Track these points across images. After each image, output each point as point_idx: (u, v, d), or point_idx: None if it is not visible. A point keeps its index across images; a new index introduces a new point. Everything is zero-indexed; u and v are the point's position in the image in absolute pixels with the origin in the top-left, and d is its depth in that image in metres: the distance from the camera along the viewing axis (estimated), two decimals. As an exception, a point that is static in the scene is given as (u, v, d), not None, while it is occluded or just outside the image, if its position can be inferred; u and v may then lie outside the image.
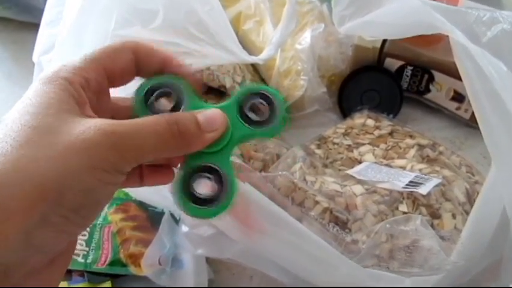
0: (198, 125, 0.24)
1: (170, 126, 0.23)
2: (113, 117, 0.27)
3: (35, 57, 0.44)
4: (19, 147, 0.20)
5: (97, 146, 0.21)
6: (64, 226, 0.21)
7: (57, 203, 0.20)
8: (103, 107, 0.26)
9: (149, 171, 0.28)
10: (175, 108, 0.26)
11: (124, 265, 0.47)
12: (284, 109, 0.27)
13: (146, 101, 0.26)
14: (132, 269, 0.47)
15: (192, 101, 0.26)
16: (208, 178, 0.26)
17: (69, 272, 0.46)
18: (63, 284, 0.44)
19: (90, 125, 0.21)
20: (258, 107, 0.27)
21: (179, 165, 0.27)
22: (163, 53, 0.27)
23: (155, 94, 0.26)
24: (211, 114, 0.25)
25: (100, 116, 0.25)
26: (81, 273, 0.46)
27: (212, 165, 0.26)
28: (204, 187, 0.26)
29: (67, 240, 0.22)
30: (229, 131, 0.26)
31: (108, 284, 0.46)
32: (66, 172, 0.20)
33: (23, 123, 0.21)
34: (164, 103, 0.26)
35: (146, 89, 0.26)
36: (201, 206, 0.25)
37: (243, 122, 0.27)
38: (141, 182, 0.28)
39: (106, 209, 0.51)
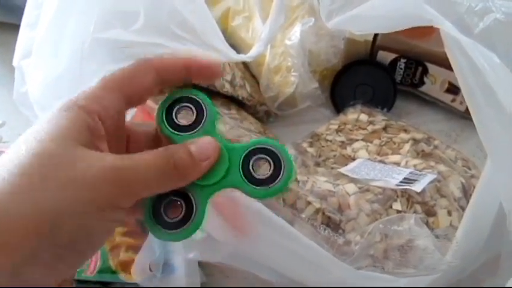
0: (191, 155, 0.24)
1: (168, 160, 0.23)
2: (127, 141, 0.27)
3: (15, 62, 0.43)
4: (18, 176, 0.19)
5: (97, 183, 0.20)
6: (55, 264, 0.20)
7: (50, 238, 0.19)
8: (118, 132, 0.26)
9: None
10: (196, 122, 0.26)
11: (114, 272, 0.46)
12: (291, 165, 0.26)
13: (168, 117, 0.26)
14: (122, 276, 0.46)
15: (211, 113, 0.27)
16: (177, 201, 0.26)
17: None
18: (51, 294, 0.43)
19: (94, 161, 0.21)
20: (261, 163, 0.27)
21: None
22: (183, 59, 0.27)
23: (174, 110, 0.26)
24: (202, 143, 0.25)
25: (114, 142, 0.25)
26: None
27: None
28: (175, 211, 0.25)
29: (57, 279, 0.21)
30: (224, 156, 0.26)
31: (97, 292, 0.45)
32: (62, 206, 0.19)
33: (28, 149, 0.20)
34: (186, 117, 0.27)
35: (166, 106, 0.26)
36: (171, 230, 0.25)
37: (247, 183, 0.26)
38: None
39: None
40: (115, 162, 0.21)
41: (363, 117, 0.58)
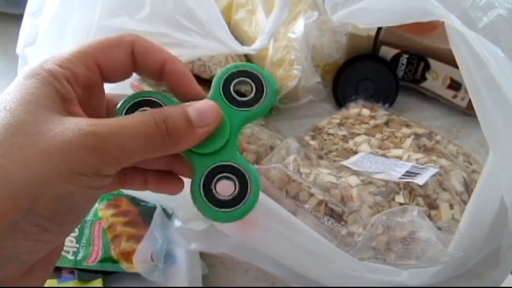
0: (189, 121, 0.22)
1: (158, 125, 0.22)
2: (107, 115, 0.26)
3: (18, 49, 0.43)
4: None
5: (75, 149, 0.19)
6: (38, 235, 0.19)
7: (30, 210, 0.18)
8: (95, 104, 0.25)
9: (153, 177, 0.27)
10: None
11: (116, 262, 0.46)
12: (271, 79, 0.25)
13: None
14: (124, 266, 0.46)
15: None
16: (228, 178, 0.24)
17: (59, 270, 0.45)
18: (52, 282, 0.43)
19: (69, 126, 0.20)
20: (243, 86, 0.26)
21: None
22: (164, 52, 0.25)
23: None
24: (202, 107, 0.23)
25: (92, 113, 0.23)
26: (71, 271, 0.45)
27: (230, 163, 0.24)
28: (225, 188, 0.24)
29: (44, 250, 0.21)
30: (226, 123, 0.24)
31: (99, 281, 0.45)
32: (39, 177, 0.18)
33: None
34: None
35: (127, 106, 0.25)
36: (224, 208, 0.23)
37: (234, 107, 0.25)
38: (145, 186, 0.27)
39: (96, 204, 0.50)
40: (92, 127, 0.20)
41: (365, 111, 0.58)
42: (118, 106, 0.25)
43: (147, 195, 0.50)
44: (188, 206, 0.45)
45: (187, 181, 0.27)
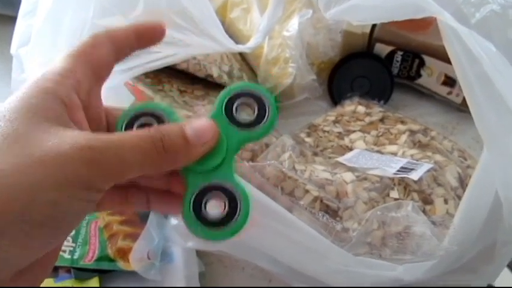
0: (186, 139, 0.23)
1: (155, 141, 0.22)
2: (107, 126, 0.26)
3: (13, 50, 0.43)
4: None
5: (70, 160, 0.19)
6: (26, 242, 0.19)
7: (20, 217, 0.19)
8: (96, 109, 0.25)
9: (156, 197, 0.27)
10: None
11: (112, 260, 0.46)
12: (274, 102, 0.25)
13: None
14: (120, 264, 0.46)
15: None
16: (219, 198, 0.24)
17: (55, 269, 0.45)
18: (49, 281, 0.43)
19: (67, 138, 0.20)
20: (246, 106, 0.26)
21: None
22: (131, 26, 0.26)
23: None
24: (200, 126, 0.23)
25: (92, 119, 0.24)
26: (68, 270, 0.45)
27: (221, 183, 0.24)
28: (214, 207, 0.24)
29: (32, 257, 0.21)
30: (223, 142, 0.25)
31: (96, 280, 0.45)
32: (34, 183, 0.19)
33: None
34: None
35: (127, 120, 0.25)
36: (214, 227, 0.24)
37: (234, 127, 0.25)
38: (147, 206, 0.27)
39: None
40: (90, 141, 0.20)
41: (361, 109, 0.58)
42: (118, 121, 0.25)
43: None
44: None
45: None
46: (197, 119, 0.24)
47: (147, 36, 0.26)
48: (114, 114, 0.26)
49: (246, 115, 0.26)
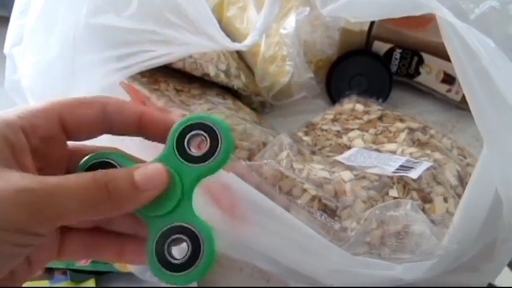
0: (134, 184, 0.22)
1: (99, 186, 0.21)
2: (68, 168, 0.26)
3: (6, 49, 0.42)
4: None
5: (5, 203, 0.19)
6: None
7: None
8: (55, 156, 0.25)
9: (127, 244, 0.27)
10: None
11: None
12: (227, 130, 0.24)
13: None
14: (116, 266, 0.45)
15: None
16: (181, 240, 0.24)
17: (51, 270, 0.44)
18: (44, 283, 0.43)
19: (7, 181, 0.19)
20: (198, 140, 0.25)
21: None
22: (138, 107, 0.26)
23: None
24: (149, 170, 0.23)
25: (50, 165, 0.24)
26: (63, 271, 0.44)
27: (182, 225, 0.24)
28: (179, 250, 0.24)
29: None
30: (176, 183, 0.24)
31: (92, 281, 0.44)
32: None
33: None
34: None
35: (86, 167, 0.25)
36: (179, 271, 0.23)
37: (188, 164, 0.24)
38: (119, 257, 0.27)
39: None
40: (25, 183, 0.20)
41: (359, 107, 0.58)
42: (78, 165, 0.25)
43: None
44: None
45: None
46: (148, 164, 0.24)
47: (155, 126, 0.26)
48: (82, 153, 0.26)
49: (198, 149, 0.25)
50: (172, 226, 0.24)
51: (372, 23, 0.63)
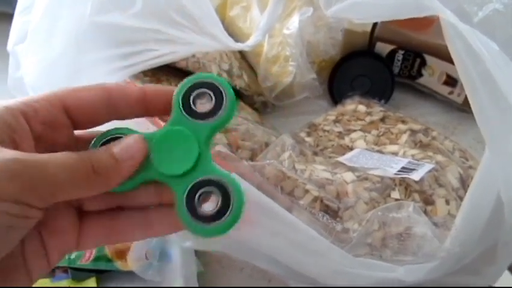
0: (113, 156, 0.23)
1: (83, 161, 0.22)
2: None
3: (9, 47, 0.42)
4: None
5: None
6: None
7: None
8: (60, 142, 0.25)
9: (156, 216, 0.27)
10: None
11: (110, 260, 0.45)
12: (226, 85, 0.25)
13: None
14: (118, 264, 0.45)
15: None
16: (210, 192, 0.24)
17: (52, 269, 0.44)
18: (45, 281, 0.43)
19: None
20: (203, 98, 0.26)
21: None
22: (139, 87, 0.26)
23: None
24: (125, 142, 0.24)
25: (57, 151, 0.24)
26: (65, 270, 0.44)
27: (209, 178, 0.24)
28: (209, 203, 0.24)
29: None
30: (192, 138, 0.25)
31: (93, 280, 0.44)
32: None
33: None
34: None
35: (99, 144, 0.25)
36: (211, 223, 0.24)
37: (198, 121, 0.25)
38: (147, 231, 0.27)
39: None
40: (18, 156, 0.20)
41: (361, 108, 0.58)
42: (92, 143, 0.25)
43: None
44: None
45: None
46: (124, 138, 0.25)
47: (159, 99, 0.26)
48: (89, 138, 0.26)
49: (203, 107, 0.26)
50: (200, 180, 0.24)
51: (375, 24, 0.63)
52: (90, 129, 0.26)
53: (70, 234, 0.25)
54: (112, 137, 0.25)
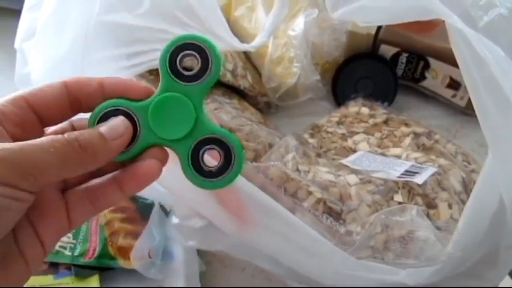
0: (101, 135, 0.24)
1: (70, 142, 0.23)
2: None
3: (16, 44, 0.42)
4: None
5: None
6: None
7: None
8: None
9: (126, 175, 0.27)
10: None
11: (113, 258, 0.46)
12: (215, 48, 0.26)
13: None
14: (121, 262, 0.46)
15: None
16: (212, 149, 0.26)
17: (55, 266, 0.44)
18: (49, 278, 0.43)
19: None
20: (188, 59, 0.26)
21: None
22: (95, 77, 0.27)
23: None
24: (113, 122, 0.25)
25: None
26: (68, 267, 0.44)
27: (211, 136, 0.26)
28: (212, 158, 0.26)
29: None
30: (186, 102, 0.25)
31: (96, 277, 0.44)
32: None
33: None
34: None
35: (99, 116, 0.26)
36: (215, 178, 0.26)
37: (188, 84, 0.25)
38: (121, 190, 0.27)
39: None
40: (5, 145, 0.21)
41: (364, 110, 0.58)
42: (90, 117, 0.26)
43: (145, 192, 0.49)
44: (186, 203, 0.45)
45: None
46: (110, 120, 0.25)
47: (119, 87, 0.26)
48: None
49: (191, 69, 0.26)
50: (201, 140, 0.26)
51: (379, 27, 0.63)
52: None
53: (59, 214, 0.25)
54: (110, 110, 0.26)
